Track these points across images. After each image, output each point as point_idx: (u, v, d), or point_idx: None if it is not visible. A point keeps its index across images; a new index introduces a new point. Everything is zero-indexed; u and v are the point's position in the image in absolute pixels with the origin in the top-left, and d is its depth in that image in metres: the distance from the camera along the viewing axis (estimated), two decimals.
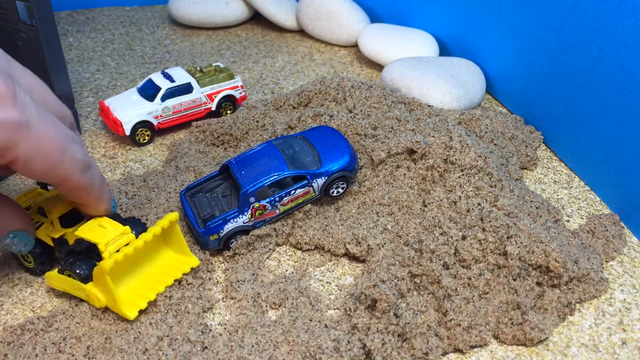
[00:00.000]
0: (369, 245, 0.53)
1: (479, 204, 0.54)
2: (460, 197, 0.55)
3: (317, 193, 0.57)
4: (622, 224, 0.59)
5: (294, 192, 0.55)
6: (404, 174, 0.60)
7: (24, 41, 0.64)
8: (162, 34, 1.03)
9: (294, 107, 0.72)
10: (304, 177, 0.55)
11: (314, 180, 0.55)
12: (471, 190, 0.56)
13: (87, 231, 0.47)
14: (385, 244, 0.53)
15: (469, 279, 0.49)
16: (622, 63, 0.57)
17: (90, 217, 0.49)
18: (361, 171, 0.61)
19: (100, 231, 0.47)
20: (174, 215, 0.49)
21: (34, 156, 0.39)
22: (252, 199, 0.53)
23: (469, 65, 0.83)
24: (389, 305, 0.44)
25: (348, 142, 0.59)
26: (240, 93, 0.77)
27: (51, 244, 0.50)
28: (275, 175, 0.53)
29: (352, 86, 0.72)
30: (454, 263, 0.49)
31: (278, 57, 0.96)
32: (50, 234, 0.50)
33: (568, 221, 0.60)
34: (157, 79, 0.73)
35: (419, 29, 0.94)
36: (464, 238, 0.51)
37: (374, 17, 1.04)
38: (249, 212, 0.53)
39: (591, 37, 0.61)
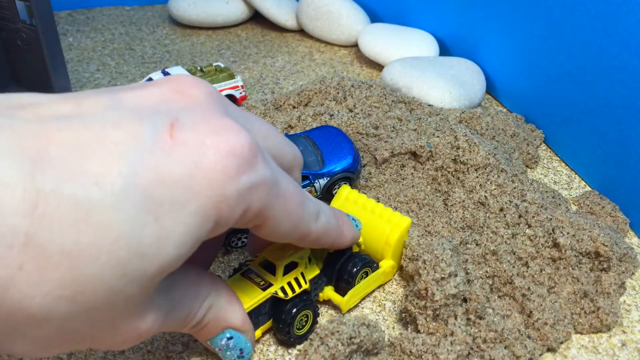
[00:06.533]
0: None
1: (510, 201, 0.54)
2: (486, 196, 0.55)
3: (318, 193, 0.56)
4: (609, 200, 0.61)
5: None
6: (412, 173, 0.60)
7: (24, 41, 0.64)
8: (162, 34, 1.03)
9: (294, 107, 0.72)
10: (306, 177, 0.55)
11: (316, 181, 0.55)
12: (494, 189, 0.56)
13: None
14: (421, 235, 0.50)
15: (532, 276, 0.48)
16: (623, 63, 0.57)
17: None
18: (365, 169, 0.61)
19: None
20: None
21: (282, 217, 0.35)
22: None
23: (469, 65, 0.83)
24: (479, 305, 0.43)
25: (352, 143, 0.59)
26: (241, 93, 0.77)
27: (302, 287, 0.43)
28: None
29: (352, 85, 0.72)
30: (515, 262, 0.49)
31: (278, 57, 0.96)
32: (307, 276, 0.44)
33: None
34: (158, 78, 0.73)
35: (419, 29, 0.94)
36: (513, 236, 0.51)
37: (374, 17, 1.04)
38: None
39: (591, 37, 0.61)
